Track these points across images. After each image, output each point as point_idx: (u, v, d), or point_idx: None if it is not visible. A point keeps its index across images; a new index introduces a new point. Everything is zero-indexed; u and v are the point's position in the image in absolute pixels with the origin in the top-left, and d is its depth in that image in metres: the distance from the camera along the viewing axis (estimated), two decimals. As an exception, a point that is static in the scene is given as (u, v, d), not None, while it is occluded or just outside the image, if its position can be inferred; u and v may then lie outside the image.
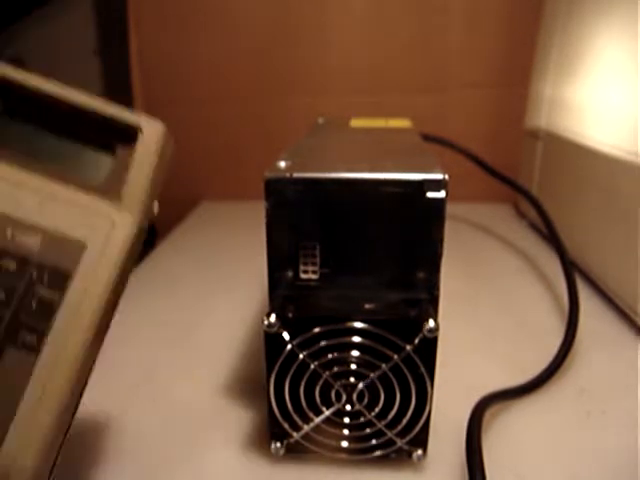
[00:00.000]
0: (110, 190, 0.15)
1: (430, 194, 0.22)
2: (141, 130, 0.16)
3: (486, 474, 0.22)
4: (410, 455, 0.24)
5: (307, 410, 0.24)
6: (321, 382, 0.24)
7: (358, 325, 0.23)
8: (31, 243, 0.13)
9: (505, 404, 0.29)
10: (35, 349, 0.13)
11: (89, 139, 0.16)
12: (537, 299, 0.43)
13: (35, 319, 0.13)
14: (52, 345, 0.13)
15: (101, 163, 0.16)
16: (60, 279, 0.13)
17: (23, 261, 0.13)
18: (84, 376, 0.14)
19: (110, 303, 0.14)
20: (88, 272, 0.14)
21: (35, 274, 0.13)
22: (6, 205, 0.13)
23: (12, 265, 0.13)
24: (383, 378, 0.23)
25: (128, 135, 0.16)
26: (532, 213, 0.52)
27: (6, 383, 0.12)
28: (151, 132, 0.16)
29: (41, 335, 0.13)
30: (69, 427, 0.14)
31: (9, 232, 0.13)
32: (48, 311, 0.13)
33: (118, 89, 0.78)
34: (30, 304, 0.13)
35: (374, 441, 0.24)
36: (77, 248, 0.14)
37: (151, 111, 0.73)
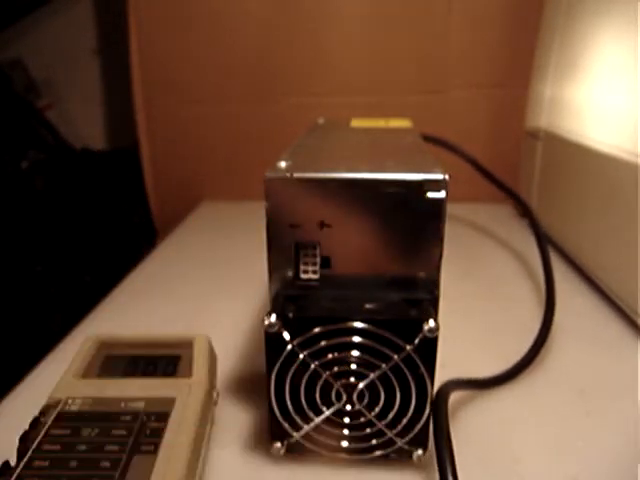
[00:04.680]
0: (184, 373, 0.26)
1: (430, 194, 0.22)
2: (194, 340, 0.28)
3: (479, 473, 0.22)
4: (410, 455, 0.24)
5: (307, 410, 0.24)
6: (321, 382, 0.24)
7: (358, 325, 0.23)
8: (137, 406, 0.24)
9: (503, 405, 0.29)
10: (153, 452, 0.21)
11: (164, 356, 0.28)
12: (537, 299, 0.43)
13: (150, 437, 0.22)
14: (165, 448, 0.21)
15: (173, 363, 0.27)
16: (163, 416, 0.23)
17: (134, 415, 0.23)
18: (192, 470, 0.22)
19: (199, 422, 0.24)
20: (180, 410, 0.24)
21: (145, 418, 0.23)
22: (117, 393, 0.25)
23: (128, 417, 0.23)
24: (383, 378, 0.23)
25: (189, 345, 0.28)
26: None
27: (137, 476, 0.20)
28: (201, 339, 0.29)
29: (156, 445, 0.21)
30: None
31: (123, 404, 0.24)
32: (159, 432, 0.22)
33: (118, 89, 0.78)
34: (145, 432, 0.22)
35: (374, 441, 0.24)
36: (170, 401, 0.24)
37: (151, 111, 0.73)
